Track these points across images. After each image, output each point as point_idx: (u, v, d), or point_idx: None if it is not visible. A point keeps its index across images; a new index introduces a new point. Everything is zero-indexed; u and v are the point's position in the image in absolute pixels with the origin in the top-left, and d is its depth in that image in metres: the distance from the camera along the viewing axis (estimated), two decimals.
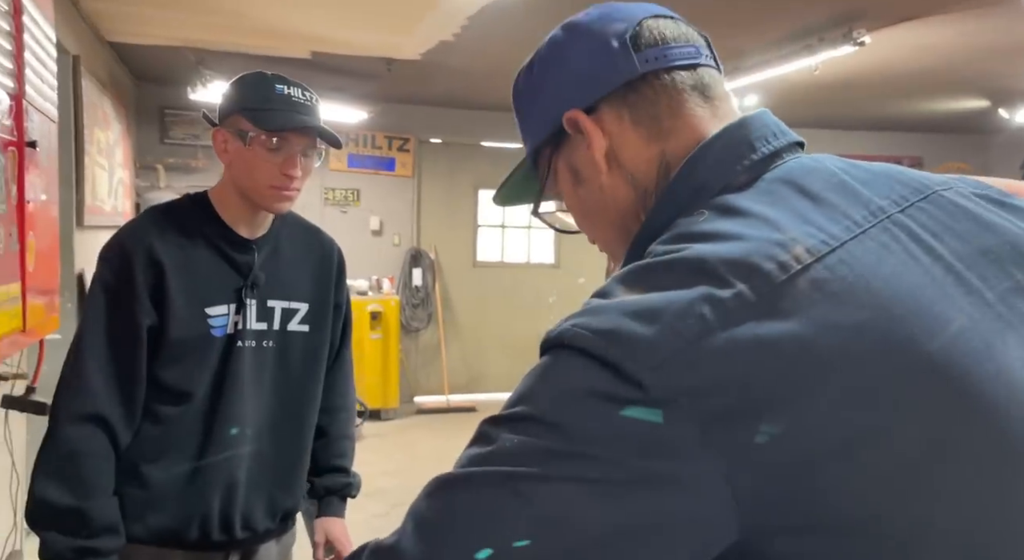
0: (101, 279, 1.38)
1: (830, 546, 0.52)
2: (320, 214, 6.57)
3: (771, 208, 0.61)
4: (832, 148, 8.25)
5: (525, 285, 7.14)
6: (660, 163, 0.70)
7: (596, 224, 0.77)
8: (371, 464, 5.17)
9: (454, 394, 6.80)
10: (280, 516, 1.53)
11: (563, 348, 0.57)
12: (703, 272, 0.56)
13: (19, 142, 1.58)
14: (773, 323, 0.53)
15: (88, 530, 1.32)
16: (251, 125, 1.39)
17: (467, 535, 0.55)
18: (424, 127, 6.79)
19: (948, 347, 0.54)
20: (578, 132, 0.73)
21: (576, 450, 0.53)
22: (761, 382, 0.51)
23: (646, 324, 0.54)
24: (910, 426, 0.52)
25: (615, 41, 0.71)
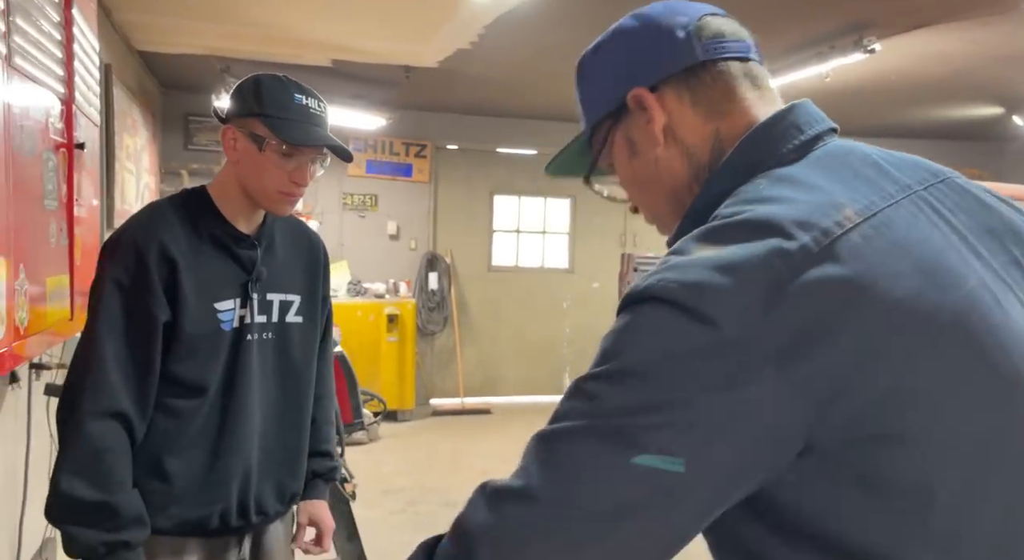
0: (113, 275, 1.39)
1: (879, 454, 0.63)
2: (339, 219, 6.71)
3: (821, 178, 0.72)
4: None
5: (539, 290, 7.22)
6: (715, 140, 0.80)
7: (646, 193, 0.87)
8: (388, 464, 5.27)
9: (469, 397, 6.89)
10: (288, 498, 1.62)
11: (651, 301, 0.65)
12: (771, 229, 0.65)
13: (69, 144, 1.69)
14: (833, 269, 0.63)
15: (118, 523, 1.36)
16: (269, 132, 1.42)
17: (575, 486, 0.64)
18: (441, 134, 6.91)
19: (967, 298, 0.66)
20: (640, 108, 0.83)
21: (672, 397, 0.62)
22: (824, 318, 0.62)
23: (727, 275, 0.63)
24: (936, 353, 0.64)
25: (680, 31, 0.82)
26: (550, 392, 7.23)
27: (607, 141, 0.87)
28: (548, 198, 7.29)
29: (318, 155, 1.49)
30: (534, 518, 0.65)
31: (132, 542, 1.37)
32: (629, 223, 7.44)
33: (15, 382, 1.96)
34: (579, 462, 0.64)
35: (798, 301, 0.62)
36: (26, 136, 1.39)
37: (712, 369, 0.61)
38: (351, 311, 6.15)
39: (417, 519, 4.27)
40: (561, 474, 0.65)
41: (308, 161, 1.47)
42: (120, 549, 1.35)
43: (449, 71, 5.11)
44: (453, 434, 6.11)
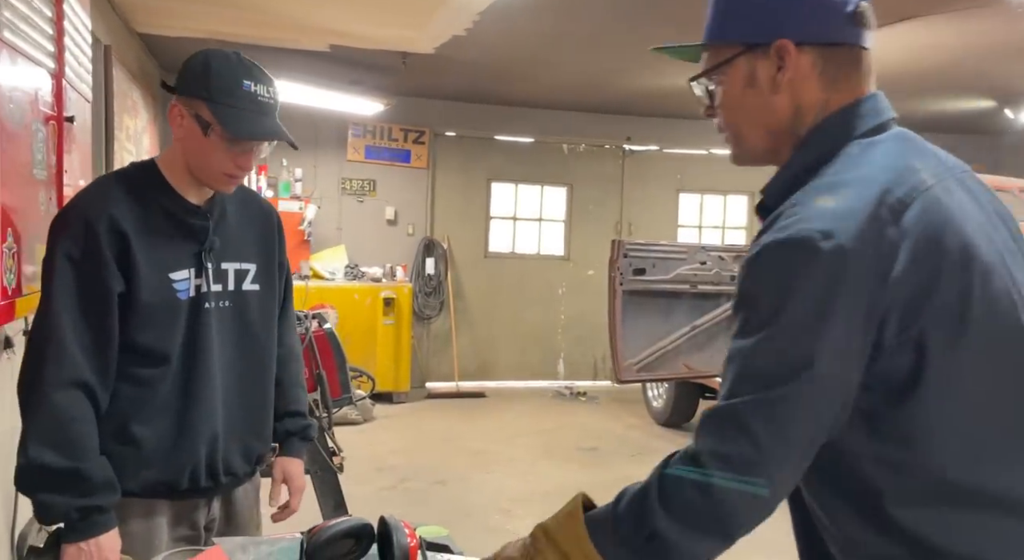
0: (64, 250, 1.39)
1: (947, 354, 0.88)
2: (338, 203, 6.79)
3: (898, 150, 0.95)
4: None
5: (535, 276, 7.30)
6: (822, 106, 0.98)
7: (743, 120, 1.02)
8: (381, 443, 5.37)
9: (464, 381, 6.98)
10: (255, 460, 1.67)
11: (792, 247, 0.86)
12: (875, 183, 0.88)
13: (58, 117, 1.77)
14: (919, 216, 0.87)
15: (89, 488, 1.38)
16: (214, 120, 1.42)
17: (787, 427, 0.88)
18: (439, 120, 6.97)
19: (996, 255, 0.92)
20: (778, 56, 0.96)
21: (826, 317, 0.85)
22: (915, 249, 0.86)
23: (849, 219, 0.85)
24: (973, 287, 0.88)
25: (849, 8, 0.96)
26: (544, 377, 7.33)
27: (731, 62, 0.99)
28: (545, 186, 7.36)
29: (267, 141, 1.50)
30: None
31: (104, 506, 1.40)
32: (625, 211, 7.50)
33: (9, 348, 2.04)
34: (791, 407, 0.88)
35: (897, 238, 0.85)
36: (15, 107, 1.47)
37: (850, 289, 0.85)
38: (348, 294, 6.24)
39: (408, 495, 4.36)
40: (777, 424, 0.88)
41: (253, 146, 1.48)
42: (94, 513, 1.39)
43: (446, 58, 5.17)
44: (447, 416, 6.20)
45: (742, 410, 0.88)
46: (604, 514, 0.97)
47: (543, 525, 1.02)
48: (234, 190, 1.60)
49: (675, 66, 5.44)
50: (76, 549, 1.39)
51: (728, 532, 0.90)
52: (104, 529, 1.41)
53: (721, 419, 0.90)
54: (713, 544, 0.92)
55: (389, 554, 1.29)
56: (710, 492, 0.88)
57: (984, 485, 0.89)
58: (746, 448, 0.87)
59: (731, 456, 0.88)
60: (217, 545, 1.37)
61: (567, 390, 7.04)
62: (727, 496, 0.88)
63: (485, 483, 4.59)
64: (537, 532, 1.02)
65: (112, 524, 1.43)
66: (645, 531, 0.91)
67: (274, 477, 1.73)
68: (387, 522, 1.33)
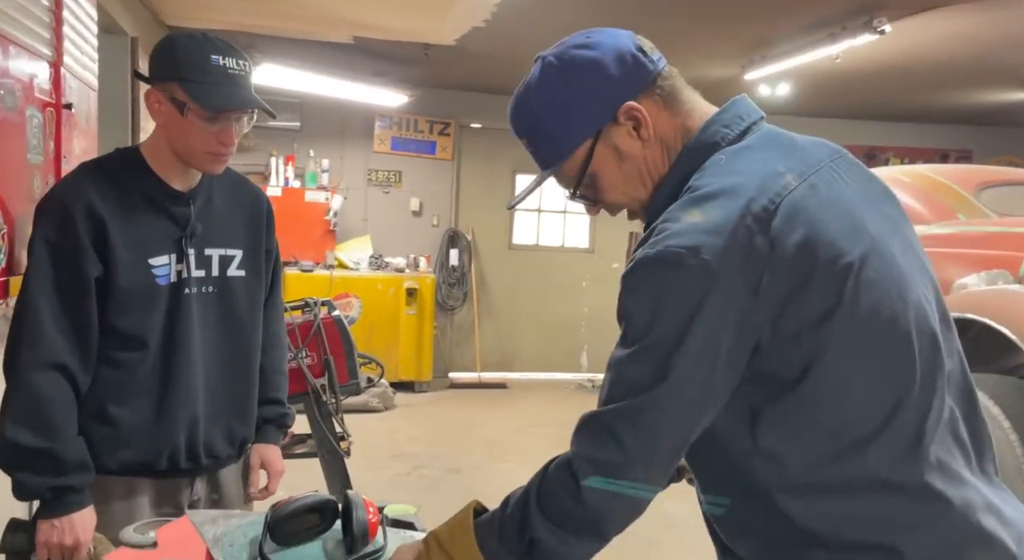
0: (43, 235, 1.43)
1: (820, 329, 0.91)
2: (364, 194, 6.87)
3: (763, 154, 0.98)
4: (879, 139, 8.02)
5: (559, 269, 7.30)
6: (682, 130, 1.03)
7: (634, 188, 1.06)
8: (399, 431, 5.43)
9: (486, 371, 7.02)
10: (239, 443, 1.70)
11: (661, 264, 0.90)
12: (739, 194, 0.91)
13: (56, 104, 1.83)
14: (787, 223, 0.90)
15: (61, 468, 1.42)
16: (188, 98, 1.43)
17: (654, 434, 0.93)
18: (464, 112, 7.00)
19: (874, 230, 0.95)
20: (627, 118, 1.02)
21: (689, 330, 0.89)
22: (783, 255, 0.89)
23: (716, 235, 0.89)
24: (846, 285, 0.91)
25: (635, 50, 1.03)
26: (566, 370, 7.32)
27: (589, 157, 1.03)
28: None
29: (243, 113, 1.50)
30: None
31: (76, 486, 1.44)
32: None
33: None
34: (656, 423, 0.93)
35: (765, 247, 0.89)
36: (6, 93, 1.53)
37: (716, 303, 0.88)
38: (372, 284, 6.32)
39: (421, 482, 4.42)
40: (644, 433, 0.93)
41: (233, 121, 1.49)
42: (67, 493, 1.43)
43: (468, 50, 5.19)
44: (467, 406, 6.25)
45: (611, 417, 0.94)
46: (491, 521, 1.03)
47: (435, 533, 1.06)
48: (225, 176, 1.62)
49: (699, 54, 5.41)
50: (49, 525, 1.44)
51: (601, 533, 0.96)
52: (77, 508, 1.45)
53: (592, 426, 0.96)
54: (588, 545, 0.97)
55: (350, 529, 1.33)
56: (582, 497, 0.94)
57: (862, 473, 0.92)
58: (614, 453, 0.93)
59: (600, 461, 0.93)
60: (185, 516, 1.41)
61: (589, 383, 7.03)
62: (598, 500, 0.94)
63: (498, 472, 4.62)
64: (430, 540, 1.06)
65: (85, 503, 1.47)
66: (527, 537, 0.98)
67: (251, 463, 1.76)
68: (349, 498, 1.36)
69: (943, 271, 3.31)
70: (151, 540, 1.32)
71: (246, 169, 6.44)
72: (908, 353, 0.93)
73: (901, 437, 0.92)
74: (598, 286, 7.26)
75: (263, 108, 1.51)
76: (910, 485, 0.92)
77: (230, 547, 1.34)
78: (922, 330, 0.95)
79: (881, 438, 0.92)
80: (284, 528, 1.33)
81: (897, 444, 0.92)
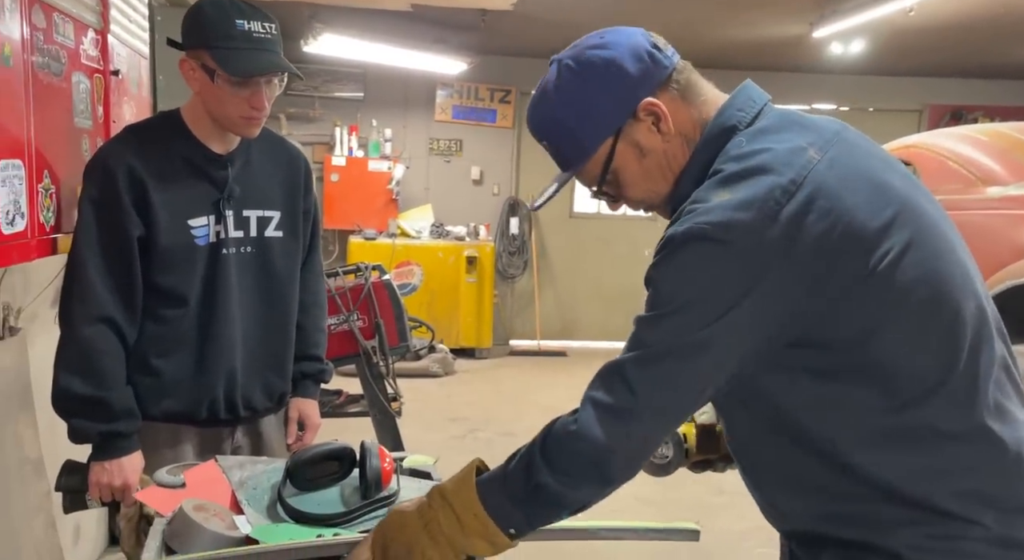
0: (88, 196, 1.51)
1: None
2: (425, 163, 6.94)
3: (781, 132, 1.00)
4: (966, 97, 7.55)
5: (620, 237, 7.23)
6: (700, 122, 1.06)
7: (655, 182, 1.07)
8: (458, 395, 5.54)
9: (546, 339, 7.05)
10: (276, 397, 1.77)
11: (692, 239, 0.92)
12: (766, 171, 0.93)
13: (104, 70, 1.91)
14: (815, 195, 0.91)
15: (111, 415, 1.52)
16: (216, 65, 1.47)
17: (665, 384, 0.95)
18: (525, 79, 6.95)
19: (901, 188, 0.98)
20: (649, 115, 1.04)
21: (719, 308, 0.91)
22: (814, 225, 0.90)
23: (746, 211, 0.91)
24: (891, 213, 0.94)
25: (649, 47, 1.05)
26: (627, 338, 7.27)
27: (611, 155, 1.06)
28: None
29: (273, 76, 1.54)
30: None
31: (124, 432, 1.54)
32: None
33: None
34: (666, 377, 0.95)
35: (796, 218, 0.90)
36: (51, 58, 1.61)
37: (745, 275, 0.91)
38: (432, 252, 6.41)
39: (475, 444, 4.50)
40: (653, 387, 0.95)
41: (263, 84, 1.52)
42: (116, 438, 1.53)
43: (525, 14, 5.14)
44: (526, 373, 6.30)
45: (628, 365, 0.96)
46: (495, 475, 1.05)
47: (440, 487, 1.08)
48: (264, 137, 1.66)
49: (763, 12, 5.21)
50: (101, 467, 1.54)
51: (606, 477, 0.97)
52: (125, 452, 1.55)
53: (608, 373, 0.98)
54: (592, 489, 0.99)
55: (365, 476, 1.37)
56: (587, 437, 0.95)
57: (923, 424, 0.94)
58: (624, 397, 0.95)
59: (610, 404, 0.96)
60: (213, 460, 1.49)
61: None
62: (602, 440, 0.95)
63: None
64: (434, 493, 1.08)
65: (133, 448, 1.56)
66: (531, 483, 0.99)
67: (289, 416, 1.83)
68: (365, 447, 1.40)
69: (1022, 233, 3.13)
70: (180, 481, 1.40)
71: (311, 139, 6.60)
72: (960, 300, 0.95)
73: (962, 384, 0.94)
74: None
75: (290, 71, 1.54)
76: (970, 431, 0.94)
77: (254, 490, 1.41)
78: (965, 274, 0.98)
79: (943, 389, 0.93)
80: (303, 474, 1.39)
81: (958, 392, 0.94)
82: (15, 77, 1.47)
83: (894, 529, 0.94)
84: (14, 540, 2.06)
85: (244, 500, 1.37)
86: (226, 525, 1.26)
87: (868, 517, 0.96)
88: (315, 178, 1.87)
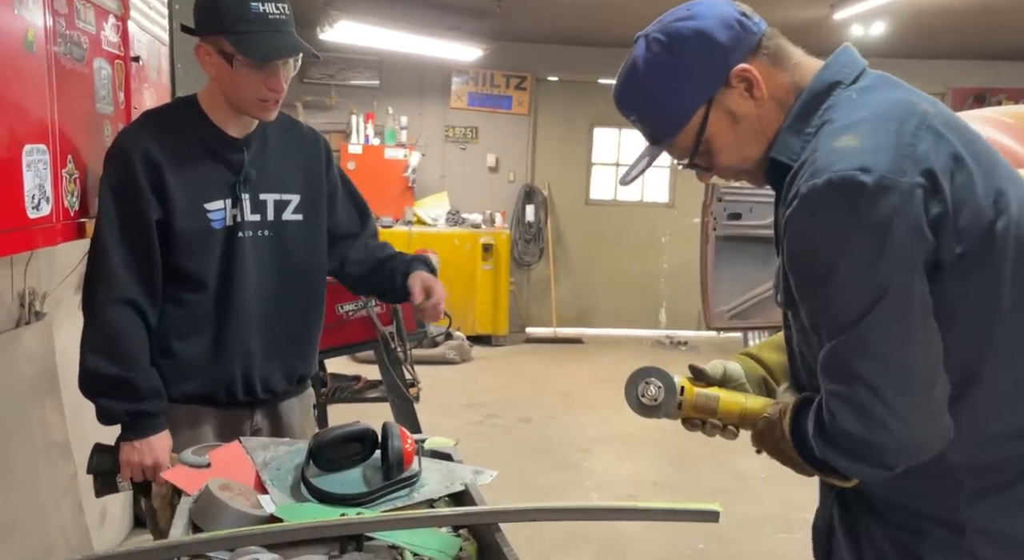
0: (108, 181, 1.53)
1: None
2: (441, 151, 6.93)
3: (890, 90, 1.02)
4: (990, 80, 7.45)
5: (638, 224, 7.20)
6: (792, 85, 1.07)
7: (748, 149, 1.09)
8: (475, 382, 5.55)
9: (562, 327, 7.05)
10: (296, 379, 1.77)
11: (836, 189, 0.91)
12: (890, 119, 0.95)
13: (125, 56, 1.93)
14: (937, 141, 0.94)
15: (136, 395, 1.54)
16: (235, 50, 1.47)
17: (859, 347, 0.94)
18: (541, 65, 6.93)
19: (999, 158, 1.02)
20: (741, 81, 1.05)
21: (886, 245, 0.91)
22: (944, 170, 0.93)
23: (881, 155, 0.91)
24: (1004, 188, 0.98)
25: (738, 15, 1.07)
26: (644, 326, 7.27)
27: (704, 125, 1.07)
28: None
29: (289, 58, 1.54)
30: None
31: (151, 411, 1.56)
32: None
33: None
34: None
35: (926, 161, 0.92)
36: (73, 44, 1.62)
37: (899, 211, 0.90)
38: (448, 240, 6.42)
39: (493, 430, 4.52)
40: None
41: (280, 66, 1.53)
42: (143, 417, 1.56)
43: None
44: (542, 359, 6.31)
45: (843, 352, 0.94)
46: (802, 427, 1.04)
47: (783, 408, 1.09)
48: (280, 121, 1.66)
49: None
50: (130, 447, 1.56)
51: (885, 464, 0.97)
52: (153, 431, 1.57)
53: (836, 367, 0.96)
54: (877, 472, 0.99)
55: (387, 457, 1.38)
56: (849, 435, 0.95)
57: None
58: (859, 390, 0.93)
59: (851, 398, 0.94)
60: (237, 441, 1.51)
61: (667, 339, 6.97)
62: (864, 437, 0.94)
63: (569, 423, 4.67)
64: (776, 410, 1.10)
65: (161, 427, 1.58)
66: (819, 459, 1.02)
67: (413, 290, 1.71)
68: (387, 428, 1.41)
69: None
70: (206, 461, 1.42)
71: (327, 127, 6.60)
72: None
73: None
74: (678, 241, 7.12)
75: (308, 52, 1.54)
76: None
77: (277, 470, 1.42)
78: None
79: None
80: (325, 454, 1.41)
81: None
82: (39, 63, 1.48)
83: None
84: (42, 522, 2.10)
85: (268, 480, 1.38)
86: (251, 504, 1.28)
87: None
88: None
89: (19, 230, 1.43)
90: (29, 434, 2.09)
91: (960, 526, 0.99)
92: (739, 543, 3.17)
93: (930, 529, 1.01)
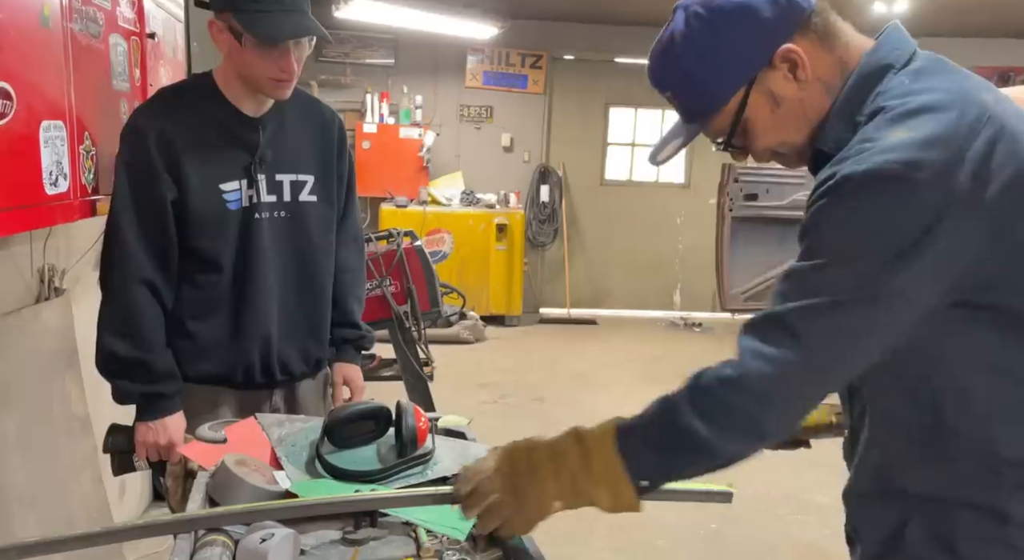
0: (123, 159, 1.52)
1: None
2: (456, 130, 6.91)
3: (945, 74, 0.95)
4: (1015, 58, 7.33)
5: (653, 204, 7.16)
6: (840, 67, 0.99)
7: (789, 133, 1.02)
8: (488, 362, 5.57)
9: (576, 308, 7.04)
10: (313, 362, 1.77)
11: (878, 179, 0.85)
12: (947, 109, 0.88)
13: (140, 33, 1.93)
14: (997, 133, 0.87)
15: (152, 377, 1.55)
16: (243, 28, 1.45)
17: (833, 338, 0.89)
18: (557, 43, 6.86)
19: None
20: (785, 62, 0.98)
21: (902, 253, 0.86)
22: (1001, 163, 0.87)
23: (933, 149, 0.85)
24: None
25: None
26: (659, 307, 7.25)
27: (743, 106, 1.00)
28: (667, 110, 7.11)
29: (297, 39, 1.51)
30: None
31: (166, 393, 1.57)
32: None
33: None
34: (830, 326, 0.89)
35: (983, 158, 0.86)
36: (89, 20, 1.62)
37: (932, 217, 0.85)
38: (463, 220, 6.41)
39: (506, 410, 4.54)
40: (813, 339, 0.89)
41: (291, 46, 1.50)
42: (158, 399, 1.57)
43: None
44: (556, 340, 6.31)
45: (792, 315, 0.89)
46: (634, 420, 1.00)
47: (577, 427, 1.05)
48: (297, 99, 1.64)
49: None
50: (146, 427, 1.58)
51: (762, 430, 0.92)
52: (168, 412, 1.58)
53: (767, 321, 0.92)
54: (744, 443, 0.94)
55: (401, 435, 1.39)
56: (745, 388, 0.90)
57: None
58: (789, 348, 0.89)
59: (772, 355, 0.89)
60: (252, 418, 1.52)
61: (682, 320, 6.95)
62: (763, 391, 0.89)
63: (581, 403, 4.68)
64: (570, 431, 1.05)
65: (176, 408, 1.59)
66: (675, 427, 0.94)
67: (335, 380, 1.83)
68: (401, 406, 1.42)
69: None
70: (222, 437, 1.43)
71: (342, 106, 6.58)
72: None
73: None
74: (694, 222, 7.08)
75: (319, 34, 1.52)
76: None
77: (292, 447, 1.43)
78: None
79: None
80: (340, 432, 1.41)
81: None
82: (55, 38, 1.48)
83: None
84: (63, 494, 2.13)
85: (283, 456, 1.40)
86: (266, 480, 1.29)
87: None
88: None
89: (38, 206, 1.45)
90: (50, 408, 2.12)
91: (1003, 514, 0.93)
92: (752, 524, 3.18)
93: (968, 515, 0.96)
